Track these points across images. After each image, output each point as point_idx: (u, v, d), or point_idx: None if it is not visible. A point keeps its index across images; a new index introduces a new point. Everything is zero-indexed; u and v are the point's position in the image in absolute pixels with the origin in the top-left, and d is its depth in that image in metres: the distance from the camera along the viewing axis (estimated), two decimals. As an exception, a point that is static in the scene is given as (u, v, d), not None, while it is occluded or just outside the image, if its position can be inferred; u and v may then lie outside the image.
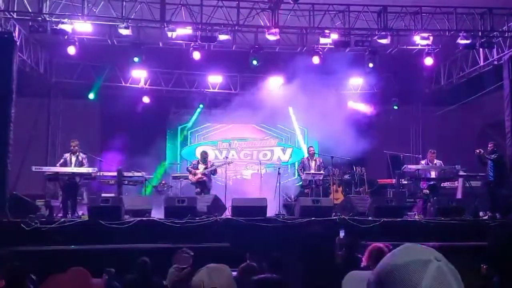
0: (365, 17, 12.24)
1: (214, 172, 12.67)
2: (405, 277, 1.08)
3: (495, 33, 12.40)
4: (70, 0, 11.45)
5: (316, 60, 12.85)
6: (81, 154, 10.97)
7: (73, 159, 10.88)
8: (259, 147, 17.11)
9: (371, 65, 12.80)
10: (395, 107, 16.47)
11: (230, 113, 15.30)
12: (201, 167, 12.42)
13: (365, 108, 16.23)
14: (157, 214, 10.22)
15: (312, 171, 12.47)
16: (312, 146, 13.52)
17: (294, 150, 17.26)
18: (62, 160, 11.05)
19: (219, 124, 16.83)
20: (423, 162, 12.28)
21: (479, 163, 11.43)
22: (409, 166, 12.10)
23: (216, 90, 16.15)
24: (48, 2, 11.23)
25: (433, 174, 11.97)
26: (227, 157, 14.11)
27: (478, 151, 11.30)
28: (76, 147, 10.93)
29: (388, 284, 1.10)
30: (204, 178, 12.28)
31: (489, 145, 11.45)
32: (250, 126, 16.99)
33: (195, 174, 12.32)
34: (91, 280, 1.90)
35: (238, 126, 16.91)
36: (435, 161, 11.93)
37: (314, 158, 12.90)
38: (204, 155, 12.82)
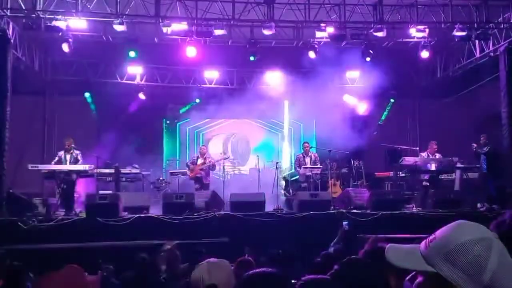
0: (360, 10, 12.21)
1: (212, 167, 12.66)
2: (475, 254, 1.20)
3: (491, 24, 12.38)
4: (64, -4, 11.39)
5: (312, 54, 12.85)
6: (75, 151, 10.94)
7: (68, 156, 10.87)
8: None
9: (368, 59, 12.80)
10: (392, 100, 16.47)
11: (227, 108, 15.27)
12: (200, 161, 12.43)
13: (359, 106, 16.20)
14: (155, 210, 10.22)
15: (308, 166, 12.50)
16: (307, 142, 13.49)
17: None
18: (57, 159, 11.03)
19: (217, 120, 16.77)
20: (423, 154, 12.27)
21: (476, 156, 11.51)
22: (407, 159, 12.09)
23: (212, 85, 16.09)
24: (41, -1, 11.17)
25: (433, 167, 11.98)
26: (225, 153, 14.09)
27: (473, 146, 11.35)
28: (71, 145, 10.92)
29: (457, 261, 1.21)
30: (201, 173, 12.27)
31: (481, 138, 11.49)
32: (247, 121, 16.98)
33: (193, 170, 12.31)
34: (86, 277, 1.89)
35: (236, 122, 16.89)
36: (436, 154, 11.96)
37: (309, 154, 12.91)
38: (203, 150, 12.81)
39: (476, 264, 1.19)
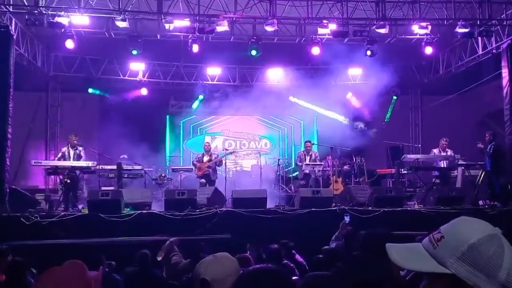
0: (363, 6, 12.18)
1: (219, 163, 12.70)
2: (492, 253, 1.20)
3: (494, 21, 12.33)
4: (66, -8, 11.38)
5: (315, 50, 12.82)
6: (78, 147, 10.98)
7: (71, 152, 10.90)
8: (253, 139, 17.15)
9: (369, 52, 12.76)
10: (395, 97, 16.44)
11: (229, 105, 15.27)
12: (205, 159, 12.45)
13: (361, 109, 16.15)
14: (157, 207, 10.23)
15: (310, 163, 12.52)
16: (309, 141, 13.47)
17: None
18: (60, 154, 11.06)
19: (219, 116, 16.78)
20: (435, 150, 12.27)
21: (481, 154, 11.49)
22: (409, 156, 12.10)
23: (215, 82, 16.09)
24: (44, -6, 11.17)
25: (443, 164, 12.01)
26: (227, 149, 14.08)
27: (480, 146, 11.34)
28: (75, 141, 10.95)
29: (474, 261, 1.20)
30: (209, 171, 12.31)
31: (486, 135, 11.46)
32: (249, 117, 16.97)
33: (200, 168, 12.35)
34: (88, 272, 1.89)
35: (237, 118, 16.89)
36: (447, 150, 11.98)
37: (310, 153, 12.92)
38: (207, 147, 12.84)
39: (493, 263, 1.19)
